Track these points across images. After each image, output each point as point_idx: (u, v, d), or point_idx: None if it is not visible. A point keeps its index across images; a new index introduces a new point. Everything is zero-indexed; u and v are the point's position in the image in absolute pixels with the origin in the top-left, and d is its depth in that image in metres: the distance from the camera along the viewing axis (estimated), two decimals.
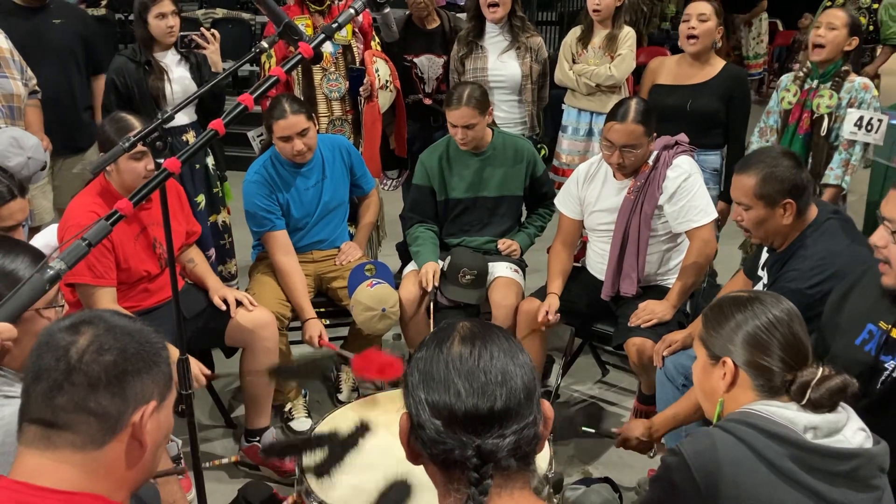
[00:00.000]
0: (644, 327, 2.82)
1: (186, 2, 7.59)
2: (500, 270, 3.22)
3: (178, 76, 3.49)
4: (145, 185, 1.62)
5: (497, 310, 3.13)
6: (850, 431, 1.52)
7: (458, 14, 4.47)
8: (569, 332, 3.42)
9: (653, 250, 2.98)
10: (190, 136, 3.52)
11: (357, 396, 3.16)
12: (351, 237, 3.44)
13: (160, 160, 1.68)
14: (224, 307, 2.89)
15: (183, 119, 3.49)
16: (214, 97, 3.59)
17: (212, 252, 3.63)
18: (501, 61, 3.78)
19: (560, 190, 3.21)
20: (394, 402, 2.24)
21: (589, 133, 3.91)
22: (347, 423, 1.94)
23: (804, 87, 3.40)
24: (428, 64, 3.95)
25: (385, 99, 3.67)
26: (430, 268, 3.13)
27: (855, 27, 3.31)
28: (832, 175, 3.32)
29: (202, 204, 3.61)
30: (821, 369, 1.53)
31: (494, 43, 3.81)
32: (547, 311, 2.93)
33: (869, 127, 3.23)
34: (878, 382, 1.88)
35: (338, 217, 3.34)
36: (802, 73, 3.43)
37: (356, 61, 3.58)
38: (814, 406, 1.51)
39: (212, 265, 3.26)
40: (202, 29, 3.62)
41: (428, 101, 3.98)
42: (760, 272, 2.52)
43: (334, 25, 1.83)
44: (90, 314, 1.19)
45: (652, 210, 2.90)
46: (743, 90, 3.60)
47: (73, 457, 1.12)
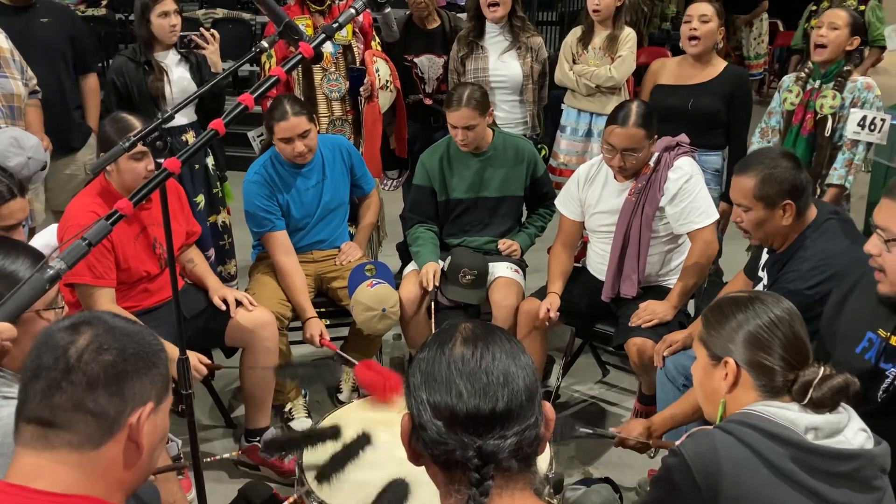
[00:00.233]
0: (645, 327, 2.82)
1: (187, 2, 7.59)
2: (501, 270, 3.22)
3: (178, 76, 3.49)
4: (145, 185, 1.62)
5: (497, 310, 3.13)
6: (852, 432, 1.52)
7: (459, 14, 4.47)
8: (569, 333, 3.42)
9: (654, 251, 2.98)
10: (189, 137, 3.52)
11: (357, 396, 3.16)
12: (351, 237, 3.43)
13: (160, 160, 1.68)
14: (224, 307, 2.89)
15: (182, 119, 3.49)
16: (214, 97, 3.59)
17: (211, 252, 3.63)
18: (502, 61, 3.78)
19: (560, 191, 3.21)
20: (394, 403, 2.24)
21: (588, 134, 3.91)
22: (349, 422, 1.94)
23: (806, 88, 3.40)
24: (428, 64, 3.95)
25: (385, 99, 3.67)
26: (431, 268, 3.13)
27: (857, 27, 3.31)
28: (835, 175, 3.31)
29: (201, 204, 3.61)
30: (822, 368, 1.53)
31: (495, 43, 3.80)
32: (548, 309, 2.93)
33: (872, 126, 3.22)
34: (880, 390, 1.87)
35: (338, 217, 3.34)
36: (804, 74, 3.43)
37: (356, 61, 3.58)
38: (815, 406, 1.51)
39: (211, 265, 3.25)
40: (201, 29, 3.62)
41: (428, 102, 3.98)
42: (761, 273, 2.52)
43: (335, 25, 1.83)
44: (89, 315, 1.19)
45: (653, 212, 2.90)
46: (744, 90, 3.60)
47: (70, 457, 1.11)
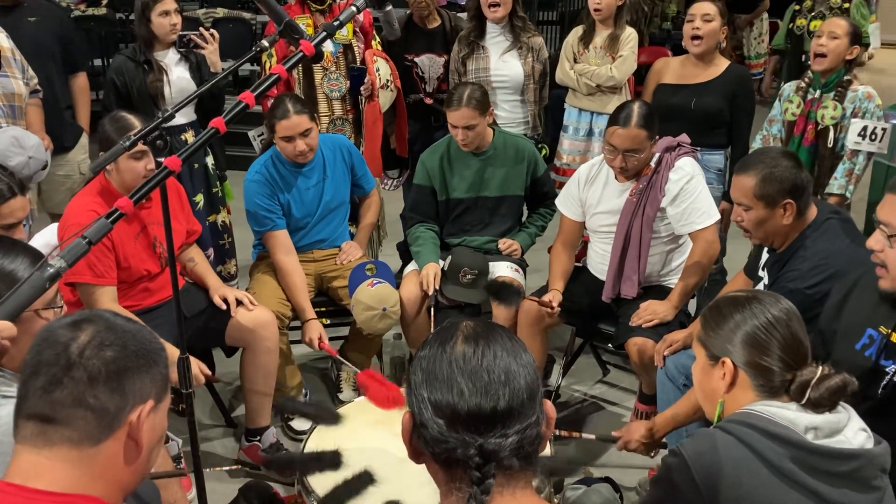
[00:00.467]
0: (645, 327, 2.82)
1: (187, 1, 7.58)
2: (501, 270, 3.22)
3: (178, 76, 3.49)
4: (146, 184, 1.62)
5: (498, 309, 3.12)
6: (851, 432, 1.51)
7: (459, 14, 4.47)
8: (569, 332, 3.42)
9: (655, 251, 2.98)
10: (189, 136, 3.52)
11: (358, 396, 3.15)
12: (352, 237, 3.43)
13: (160, 159, 1.68)
14: (224, 306, 2.89)
15: (181, 119, 3.49)
16: (213, 97, 3.58)
17: (210, 252, 3.62)
18: (503, 61, 3.78)
19: (561, 190, 3.21)
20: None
21: (589, 133, 3.91)
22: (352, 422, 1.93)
23: (807, 98, 3.39)
24: (429, 63, 3.95)
25: (386, 98, 3.67)
26: (431, 269, 3.12)
27: (856, 36, 3.30)
28: (836, 185, 3.32)
29: (201, 203, 3.61)
30: (820, 368, 1.53)
31: (496, 43, 3.80)
32: (550, 300, 2.93)
33: (873, 136, 3.22)
34: (880, 387, 1.87)
35: (339, 217, 3.34)
36: (805, 83, 3.42)
37: (357, 60, 3.58)
38: (814, 405, 1.51)
39: (211, 265, 3.25)
40: (201, 29, 3.61)
41: (429, 101, 3.98)
42: (761, 272, 2.52)
43: (336, 23, 1.83)
44: (90, 313, 1.19)
45: (654, 213, 2.89)
46: (747, 89, 3.59)
47: (70, 454, 1.11)
